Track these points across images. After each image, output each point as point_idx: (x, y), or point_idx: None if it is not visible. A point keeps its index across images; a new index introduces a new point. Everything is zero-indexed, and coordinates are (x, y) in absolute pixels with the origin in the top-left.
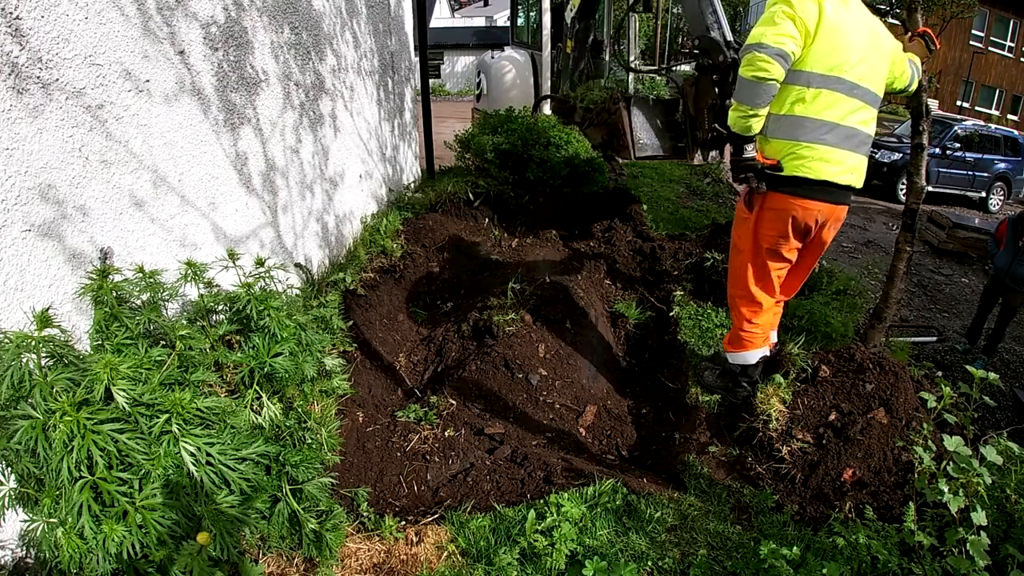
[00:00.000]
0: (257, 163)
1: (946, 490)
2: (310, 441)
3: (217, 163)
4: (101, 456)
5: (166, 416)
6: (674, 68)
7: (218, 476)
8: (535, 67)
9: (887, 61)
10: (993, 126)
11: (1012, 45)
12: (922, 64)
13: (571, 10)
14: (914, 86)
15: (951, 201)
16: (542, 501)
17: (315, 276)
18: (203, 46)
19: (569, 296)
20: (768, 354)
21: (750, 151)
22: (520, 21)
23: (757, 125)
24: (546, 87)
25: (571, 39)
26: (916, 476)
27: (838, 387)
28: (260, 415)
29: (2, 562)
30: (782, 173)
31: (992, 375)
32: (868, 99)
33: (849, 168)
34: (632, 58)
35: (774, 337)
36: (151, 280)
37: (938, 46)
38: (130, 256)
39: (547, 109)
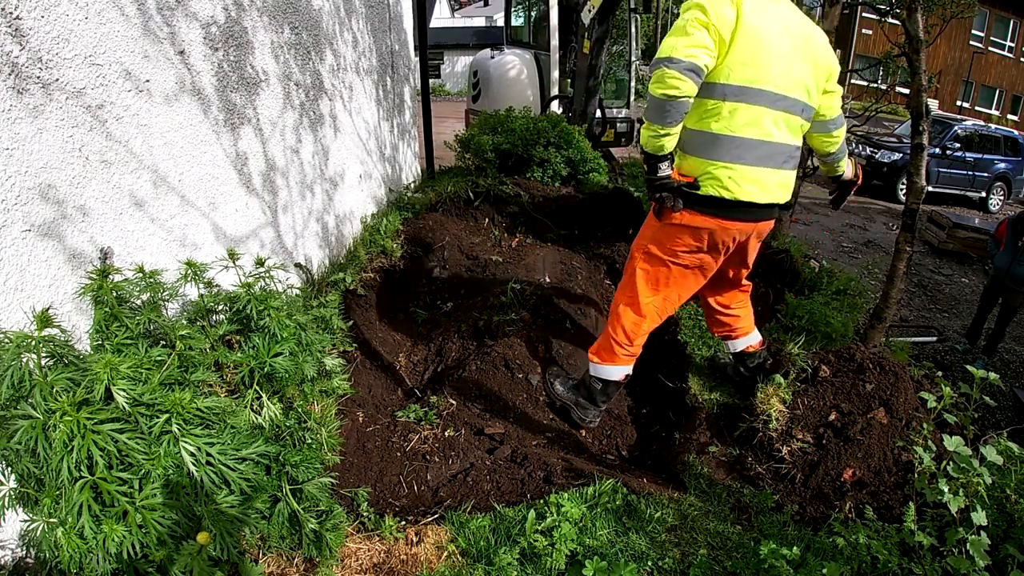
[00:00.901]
0: (257, 163)
1: (946, 490)
2: (310, 441)
3: (217, 163)
4: (101, 456)
5: (166, 416)
6: None
7: (218, 476)
8: (539, 67)
9: (820, 70)
10: (993, 126)
11: (1012, 45)
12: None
13: (590, 10)
14: (832, 148)
15: (951, 201)
16: (542, 501)
17: (315, 276)
18: (203, 46)
19: (569, 296)
20: (630, 373)
21: (664, 169)
22: (518, 21)
23: (670, 144)
24: (554, 88)
25: (589, 40)
26: (916, 476)
27: (838, 387)
28: (260, 415)
29: (2, 562)
30: (699, 192)
31: (992, 375)
32: (796, 110)
33: (774, 185)
34: (634, 59)
35: (757, 336)
36: (151, 280)
37: (859, 182)
38: (130, 256)
39: (555, 109)
